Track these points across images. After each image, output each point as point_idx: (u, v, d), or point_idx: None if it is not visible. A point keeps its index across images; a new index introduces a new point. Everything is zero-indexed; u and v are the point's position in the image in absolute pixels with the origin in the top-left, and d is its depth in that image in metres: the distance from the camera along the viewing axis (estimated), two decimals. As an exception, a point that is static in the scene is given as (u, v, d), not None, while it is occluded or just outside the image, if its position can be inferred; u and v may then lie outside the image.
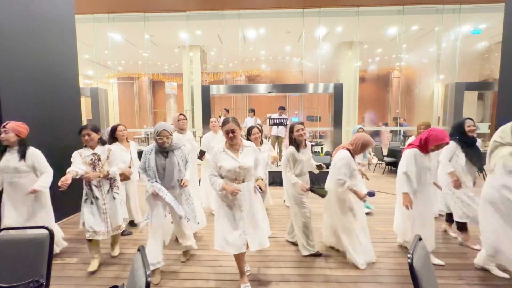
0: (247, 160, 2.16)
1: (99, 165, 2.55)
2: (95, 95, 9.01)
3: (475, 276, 2.40)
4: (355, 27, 9.16)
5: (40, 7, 3.54)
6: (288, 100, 12.83)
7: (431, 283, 1.19)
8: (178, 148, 2.49)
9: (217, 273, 2.51)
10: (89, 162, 2.51)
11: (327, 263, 2.66)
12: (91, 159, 2.52)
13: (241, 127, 2.22)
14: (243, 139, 2.27)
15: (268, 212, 3.89)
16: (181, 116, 3.42)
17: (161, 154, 2.40)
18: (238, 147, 2.20)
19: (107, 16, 9.17)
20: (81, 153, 2.53)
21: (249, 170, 2.16)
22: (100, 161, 2.55)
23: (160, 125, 2.35)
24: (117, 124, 3.42)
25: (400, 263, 2.63)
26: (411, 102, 11.49)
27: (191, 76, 10.78)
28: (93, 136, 2.54)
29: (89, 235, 2.48)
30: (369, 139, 2.59)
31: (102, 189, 2.57)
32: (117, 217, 2.65)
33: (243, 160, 2.14)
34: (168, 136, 2.35)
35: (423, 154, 2.48)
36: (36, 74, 3.48)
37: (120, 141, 3.40)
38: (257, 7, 8.85)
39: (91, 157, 2.53)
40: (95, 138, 2.55)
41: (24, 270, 1.51)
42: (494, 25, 8.93)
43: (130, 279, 1.22)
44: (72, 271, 2.55)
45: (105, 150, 2.61)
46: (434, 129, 2.44)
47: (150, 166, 2.34)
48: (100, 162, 2.55)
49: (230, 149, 2.18)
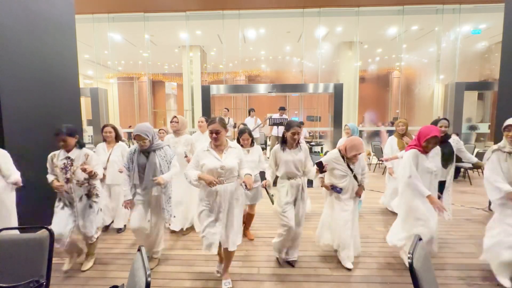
0: (230, 160, 2.13)
1: (71, 170, 2.40)
2: (95, 95, 9.00)
3: (475, 276, 2.40)
4: (355, 27, 9.16)
5: (40, 7, 3.54)
6: (288, 100, 12.83)
7: (431, 283, 1.19)
8: (160, 148, 2.48)
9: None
10: (61, 167, 2.39)
11: (327, 263, 2.66)
12: (64, 163, 2.40)
13: (227, 129, 2.21)
14: (229, 140, 2.25)
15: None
16: (174, 119, 3.36)
17: (142, 154, 2.44)
18: (222, 147, 2.19)
19: (107, 16, 9.17)
20: (54, 156, 2.43)
21: (231, 171, 2.12)
22: (72, 167, 2.41)
23: (136, 129, 2.35)
24: (105, 124, 3.39)
25: (400, 263, 2.63)
26: (411, 102, 11.49)
27: (191, 76, 10.78)
28: (69, 142, 2.39)
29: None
30: (352, 145, 2.46)
31: (74, 195, 2.44)
32: (90, 227, 2.51)
33: (226, 160, 2.12)
34: (144, 140, 2.35)
35: (424, 155, 2.40)
36: (36, 74, 3.48)
37: (108, 142, 3.36)
38: (257, 7, 8.86)
39: (64, 161, 2.41)
40: (71, 142, 2.41)
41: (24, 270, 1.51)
42: (494, 25, 8.93)
43: (130, 279, 1.22)
44: (72, 271, 2.55)
45: (82, 154, 2.46)
46: (424, 126, 2.43)
47: (133, 166, 2.41)
48: (72, 168, 2.41)
49: (215, 149, 2.17)
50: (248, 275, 2.47)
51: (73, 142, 2.44)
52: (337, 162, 2.57)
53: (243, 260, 2.73)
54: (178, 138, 3.34)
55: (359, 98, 10.23)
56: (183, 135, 3.37)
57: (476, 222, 3.64)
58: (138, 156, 2.43)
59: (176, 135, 3.36)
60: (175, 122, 3.34)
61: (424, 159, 2.39)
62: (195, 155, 2.20)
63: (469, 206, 4.31)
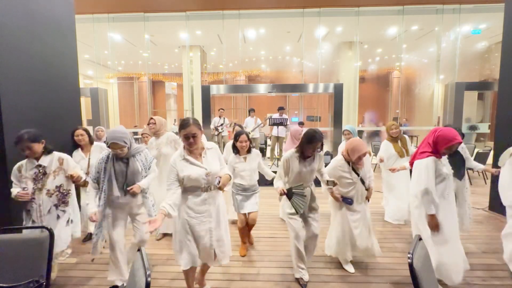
0: (212, 164, 1.90)
1: (43, 179, 2.16)
2: (95, 95, 9.01)
3: (475, 276, 2.40)
4: (355, 27, 9.15)
5: (40, 7, 3.54)
6: (288, 100, 12.84)
7: (431, 283, 1.19)
8: (140, 152, 2.21)
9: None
10: (32, 177, 2.13)
11: (327, 263, 2.66)
12: (35, 173, 2.14)
13: (202, 131, 1.89)
14: (203, 141, 1.98)
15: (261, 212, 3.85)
16: (151, 120, 3.17)
17: (120, 160, 2.11)
18: (199, 151, 1.91)
19: (107, 16, 9.17)
20: (22, 167, 2.15)
21: (216, 174, 1.91)
22: (45, 175, 2.17)
23: (111, 136, 1.99)
24: (76, 128, 3.12)
25: (400, 263, 2.63)
26: (411, 102, 11.49)
27: (191, 76, 10.78)
28: (35, 149, 2.11)
29: None
30: (354, 147, 2.33)
31: (42, 208, 2.16)
32: (59, 241, 2.17)
33: (209, 166, 1.87)
34: (122, 148, 2.03)
35: (439, 161, 2.10)
36: (36, 74, 3.48)
37: (82, 147, 3.08)
38: (257, 7, 8.85)
39: (35, 170, 2.15)
40: (37, 149, 2.13)
41: (24, 270, 1.52)
42: (494, 25, 8.93)
43: (130, 279, 1.22)
44: (72, 271, 2.55)
45: (54, 160, 2.23)
46: (440, 129, 2.11)
47: (106, 175, 2.06)
48: (45, 177, 2.17)
49: (191, 155, 1.87)
50: (248, 275, 2.47)
51: (40, 148, 2.16)
52: (343, 169, 2.43)
53: (243, 260, 2.73)
54: (159, 139, 3.14)
55: (359, 98, 10.23)
56: (163, 135, 3.17)
57: (476, 222, 3.64)
58: (114, 163, 2.09)
59: (156, 137, 3.16)
60: (152, 123, 3.15)
61: (441, 165, 2.11)
62: (170, 169, 1.84)
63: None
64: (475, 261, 2.60)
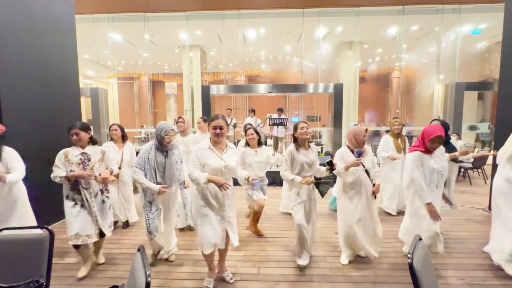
0: (232, 160, 2.17)
1: (89, 165, 2.36)
2: (95, 95, 9.01)
3: (475, 276, 2.39)
4: (355, 27, 9.16)
5: (40, 7, 3.54)
6: (288, 100, 12.84)
7: (431, 283, 1.19)
8: (176, 147, 2.55)
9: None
10: (77, 162, 2.32)
11: (327, 263, 2.66)
12: (80, 159, 2.34)
13: (228, 128, 2.21)
14: (227, 141, 2.27)
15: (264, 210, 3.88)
16: (180, 119, 3.45)
17: (160, 152, 2.44)
18: (223, 146, 2.19)
19: (107, 16, 9.17)
20: (68, 153, 2.33)
21: (232, 171, 2.18)
22: (90, 162, 2.37)
23: (168, 125, 2.41)
24: (112, 124, 3.44)
25: (400, 263, 2.63)
26: (411, 102, 11.50)
27: (191, 76, 10.78)
28: (82, 136, 2.35)
29: (82, 240, 2.31)
30: (354, 130, 2.55)
31: (91, 191, 2.38)
32: (105, 223, 2.47)
33: (228, 160, 2.14)
34: (174, 135, 2.44)
35: (428, 156, 2.34)
36: (36, 74, 3.48)
37: (115, 141, 3.39)
38: (257, 7, 8.86)
39: (80, 156, 2.35)
40: (84, 137, 2.37)
41: (24, 270, 1.51)
42: (494, 25, 8.94)
43: (130, 279, 1.22)
44: (72, 271, 2.55)
45: (98, 151, 2.45)
46: (427, 126, 2.41)
47: (150, 165, 2.38)
48: (90, 163, 2.37)
49: (216, 147, 2.15)
50: (248, 275, 2.47)
51: (87, 137, 2.40)
52: (348, 156, 2.55)
53: (243, 260, 2.73)
54: (186, 137, 3.42)
55: (359, 98, 10.24)
56: (189, 135, 3.46)
57: (476, 222, 3.64)
58: (155, 154, 2.40)
59: (183, 135, 3.43)
60: (181, 122, 3.42)
61: (428, 159, 2.34)
62: (195, 153, 2.11)
63: (469, 206, 4.31)
64: (475, 261, 2.60)
